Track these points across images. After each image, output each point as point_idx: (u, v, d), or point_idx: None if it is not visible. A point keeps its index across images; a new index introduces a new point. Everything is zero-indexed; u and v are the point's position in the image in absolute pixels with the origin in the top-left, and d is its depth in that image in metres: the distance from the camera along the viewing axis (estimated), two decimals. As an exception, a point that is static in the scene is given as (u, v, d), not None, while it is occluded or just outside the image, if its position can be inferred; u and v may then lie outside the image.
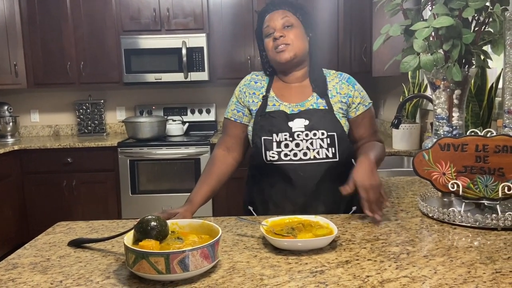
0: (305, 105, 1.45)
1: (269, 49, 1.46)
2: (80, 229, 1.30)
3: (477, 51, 1.27)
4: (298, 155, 1.39)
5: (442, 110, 1.36)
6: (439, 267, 0.95)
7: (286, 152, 1.40)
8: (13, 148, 3.48)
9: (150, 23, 3.75)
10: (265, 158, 1.41)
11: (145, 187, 3.58)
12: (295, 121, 1.41)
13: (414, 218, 1.29)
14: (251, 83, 1.54)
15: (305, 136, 1.40)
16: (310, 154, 1.39)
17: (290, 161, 1.39)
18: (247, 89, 1.52)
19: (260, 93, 1.50)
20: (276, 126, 1.42)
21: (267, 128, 1.42)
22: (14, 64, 3.67)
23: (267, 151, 1.41)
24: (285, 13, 1.45)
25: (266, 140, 1.42)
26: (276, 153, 1.40)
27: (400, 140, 2.75)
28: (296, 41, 1.43)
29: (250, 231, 1.22)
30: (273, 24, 1.44)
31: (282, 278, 0.91)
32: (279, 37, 1.42)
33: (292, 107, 1.45)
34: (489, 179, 1.20)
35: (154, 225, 0.98)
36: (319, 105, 1.44)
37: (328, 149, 1.40)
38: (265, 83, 1.52)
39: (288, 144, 1.40)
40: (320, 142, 1.39)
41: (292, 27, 1.44)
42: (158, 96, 4.15)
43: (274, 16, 1.45)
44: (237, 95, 1.54)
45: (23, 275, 0.97)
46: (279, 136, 1.40)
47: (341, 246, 1.09)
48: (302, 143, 1.39)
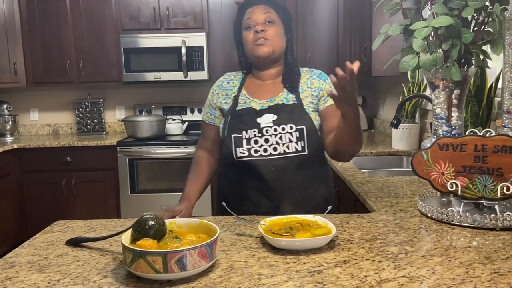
0: (275, 101, 1.46)
1: (248, 42, 1.46)
2: (78, 228, 1.29)
3: (477, 51, 1.27)
4: (268, 150, 1.41)
5: (441, 110, 1.36)
6: (437, 267, 0.95)
7: (256, 148, 1.41)
8: (12, 147, 3.48)
9: (150, 22, 3.75)
10: (235, 155, 1.43)
11: (144, 186, 3.58)
12: (263, 116, 1.43)
13: (413, 218, 1.29)
14: (223, 84, 1.56)
15: (274, 131, 1.41)
16: (280, 149, 1.41)
17: (260, 156, 1.41)
18: (220, 90, 1.55)
19: (232, 93, 1.52)
20: (245, 123, 1.43)
21: (237, 126, 1.44)
22: (14, 63, 3.67)
23: (237, 148, 1.43)
24: (268, 9, 1.46)
25: (236, 138, 1.43)
26: (246, 149, 1.42)
27: (400, 140, 2.75)
28: (276, 38, 1.45)
29: (248, 230, 1.22)
30: (255, 17, 1.45)
31: (280, 278, 0.91)
32: (260, 31, 1.43)
33: (262, 103, 1.47)
34: (488, 179, 1.20)
35: (151, 224, 0.98)
36: (289, 100, 1.46)
37: (297, 143, 1.41)
38: (237, 83, 1.54)
39: (258, 140, 1.41)
40: (289, 136, 1.41)
41: (273, 24, 1.45)
42: (158, 95, 4.15)
43: (256, 10, 1.46)
44: (210, 97, 1.57)
45: (21, 274, 0.97)
46: (249, 133, 1.42)
47: (339, 245, 1.08)
48: (271, 138, 1.41)
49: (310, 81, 1.50)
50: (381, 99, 3.80)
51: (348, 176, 1.96)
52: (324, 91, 1.47)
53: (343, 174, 2.02)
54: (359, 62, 1.12)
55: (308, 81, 1.50)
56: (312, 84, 1.49)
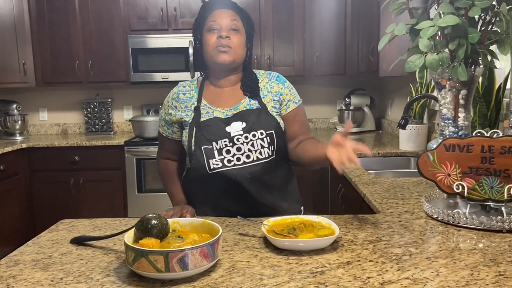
0: (239, 108, 1.43)
1: (209, 45, 1.40)
2: (83, 226, 1.30)
3: (484, 51, 1.25)
4: (241, 159, 1.38)
5: (447, 111, 1.35)
6: (441, 269, 0.94)
7: (228, 158, 1.38)
8: (22, 146, 3.51)
9: (158, 22, 3.76)
10: (208, 168, 1.38)
11: (151, 185, 3.59)
12: (232, 125, 1.39)
13: (418, 220, 1.27)
14: (179, 95, 1.48)
15: (245, 139, 1.38)
16: (252, 156, 1.39)
17: (234, 166, 1.38)
18: (178, 103, 1.48)
19: (192, 104, 1.46)
20: (214, 133, 1.39)
21: (206, 137, 1.39)
22: (23, 63, 3.71)
23: (210, 160, 1.38)
24: (234, 16, 1.42)
25: (206, 150, 1.38)
26: (219, 160, 1.37)
27: (407, 141, 2.73)
28: (238, 47, 1.41)
29: (251, 230, 1.22)
30: (220, 21, 1.40)
31: (282, 278, 0.91)
32: (225, 37, 1.38)
33: (226, 111, 1.43)
34: (495, 180, 1.18)
35: (154, 224, 0.98)
36: (253, 106, 1.43)
37: (269, 148, 1.40)
38: (194, 93, 1.48)
39: (230, 149, 1.38)
40: (261, 142, 1.39)
41: (238, 33, 1.41)
42: (165, 95, 4.13)
43: (223, 14, 1.41)
44: (166, 110, 1.50)
45: (24, 272, 0.98)
46: (219, 143, 1.38)
47: (342, 246, 1.08)
48: (243, 146, 1.38)
49: (270, 85, 1.47)
50: (389, 99, 3.77)
51: (354, 177, 1.95)
52: (284, 96, 1.46)
53: (349, 175, 2.01)
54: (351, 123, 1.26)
55: (267, 85, 1.47)
56: (272, 88, 1.46)
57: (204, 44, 1.42)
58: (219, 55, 1.38)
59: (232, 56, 1.39)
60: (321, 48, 3.68)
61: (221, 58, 1.38)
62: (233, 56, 1.39)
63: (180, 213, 1.37)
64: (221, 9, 1.42)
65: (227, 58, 1.39)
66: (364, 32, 3.22)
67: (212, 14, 1.42)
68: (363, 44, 3.27)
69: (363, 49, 3.26)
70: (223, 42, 1.38)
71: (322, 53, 3.67)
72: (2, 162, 3.26)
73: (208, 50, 1.41)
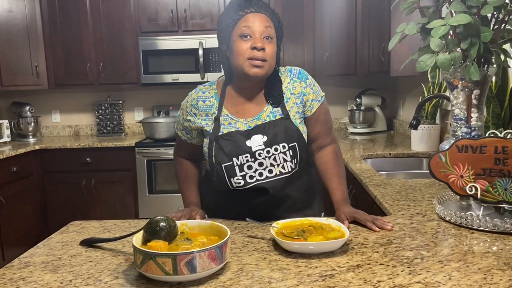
0: (261, 117, 1.36)
1: (241, 53, 1.28)
2: (93, 228, 1.31)
3: (497, 50, 1.23)
4: (263, 174, 1.33)
5: (460, 111, 1.32)
6: (454, 272, 0.92)
7: (250, 174, 1.32)
8: (35, 148, 3.56)
9: (168, 24, 3.78)
10: (230, 186, 1.34)
11: (161, 187, 3.61)
12: (252, 139, 1.32)
13: (430, 222, 1.25)
14: (199, 103, 1.39)
15: (267, 154, 1.32)
16: (275, 170, 1.33)
17: (256, 181, 1.33)
18: (197, 111, 1.39)
19: (212, 113, 1.38)
20: (234, 149, 1.32)
21: (226, 153, 1.33)
22: (36, 66, 3.75)
23: (231, 178, 1.33)
24: (269, 22, 1.30)
25: (227, 167, 1.33)
26: (241, 177, 1.32)
27: (419, 142, 2.69)
28: (272, 58, 1.30)
29: (260, 233, 1.21)
30: (254, 27, 1.27)
31: (291, 282, 0.90)
32: (260, 49, 1.27)
33: (249, 122, 1.36)
34: (509, 182, 1.16)
35: (163, 226, 0.98)
36: (276, 114, 1.36)
37: (292, 161, 1.34)
38: (214, 101, 1.39)
39: (251, 165, 1.32)
40: (283, 155, 1.33)
41: (271, 41, 1.30)
42: (175, 96, 4.18)
43: (257, 19, 1.28)
44: (185, 116, 1.43)
45: (34, 274, 0.98)
46: (240, 159, 1.32)
47: (353, 249, 1.06)
48: (265, 161, 1.32)
49: (292, 85, 1.38)
50: (401, 99, 3.73)
51: (365, 178, 1.93)
52: (307, 96, 1.39)
53: (360, 176, 1.99)
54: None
55: (290, 85, 1.38)
56: (295, 89, 1.38)
57: (235, 50, 1.29)
58: (252, 69, 1.28)
59: (265, 70, 1.29)
60: (332, 48, 3.65)
61: (253, 72, 1.28)
62: (266, 69, 1.30)
63: (189, 215, 1.36)
64: (255, 13, 1.29)
65: (260, 72, 1.28)
66: (375, 32, 3.19)
67: (246, 17, 1.28)
68: (373, 43, 3.24)
69: (374, 49, 3.23)
70: (257, 55, 1.27)
71: (332, 53, 3.65)
72: (16, 163, 3.31)
73: (239, 59, 1.28)
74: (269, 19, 1.31)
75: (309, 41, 3.77)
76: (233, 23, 1.30)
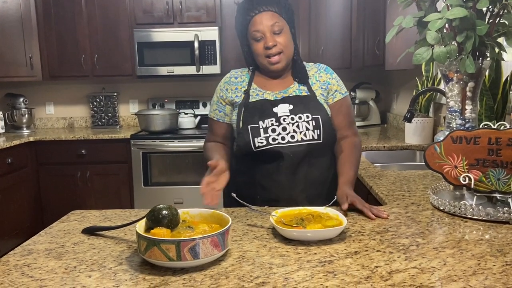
0: (288, 92, 1.47)
1: (258, 54, 1.43)
2: (94, 217, 1.32)
3: (491, 43, 1.26)
4: (285, 138, 1.41)
5: (455, 103, 1.35)
6: (448, 259, 0.95)
7: (273, 137, 1.41)
8: (29, 140, 3.54)
9: (163, 16, 3.77)
10: (253, 146, 1.42)
11: (157, 179, 3.62)
12: (279, 106, 1.44)
13: (425, 211, 1.28)
14: (231, 79, 1.54)
15: (291, 120, 1.42)
16: (297, 137, 1.42)
17: (278, 144, 1.41)
18: (228, 86, 1.53)
19: (242, 87, 1.51)
20: (261, 113, 1.43)
21: (253, 117, 1.44)
22: (30, 57, 3.73)
23: (255, 138, 1.42)
24: (274, 17, 1.39)
25: (252, 128, 1.43)
26: (264, 138, 1.41)
27: (413, 134, 2.73)
28: (287, 47, 1.42)
29: (260, 221, 1.23)
30: (263, 28, 1.39)
31: (291, 267, 0.92)
32: (272, 46, 1.39)
33: (276, 94, 1.47)
34: (502, 172, 1.19)
35: (165, 214, 1.00)
36: (302, 91, 1.47)
37: (314, 131, 1.42)
38: (245, 78, 1.53)
39: (275, 128, 1.41)
40: (306, 124, 1.42)
41: (282, 32, 1.41)
42: (171, 89, 4.18)
43: (263, 19, 1.39)
44: (218, 93, 1.55)
45: (38, 261, 1.00)
46: (265, 122, 1.42)
47: (350, 237, 1.09)
48: (288, 127, 1.42)
49: (318, 74, 1.51)
50: (395, 93, 3.77)
51: (360, 169, 1.96)
52: (331, 86, 1.49)
53: (355, 168, 2.02)
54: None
55: (316, 74, 1.51)
56: (321, 77, 1.50)
57: (253, 52, 1.45)
58: (272, 66, 1.43)
59: (284, 61, 1.43)
60: (327, 41, 3.67)
61: (273, 68, 1.44)
62: (285, 60, 1.43)
63: (214, 178, 1.28)
64: (260, 14, 1.40)
65: (279, 66, 1.43)
66: (370, 26, 3.21)
67: (253, 22, 1.41)
68: (369, 37, 3.26)
69: (369, 43, 3.25)
70: (272, 52, 1.41)
71: (327, 46, 3.67)
72: (10, 155, 3.30)
73: (258, 59, 1.45)
74: (275, 14, 1.40)
75: (305, 34, 3.78)
76: (244, 28, 1.44)
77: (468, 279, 0.85)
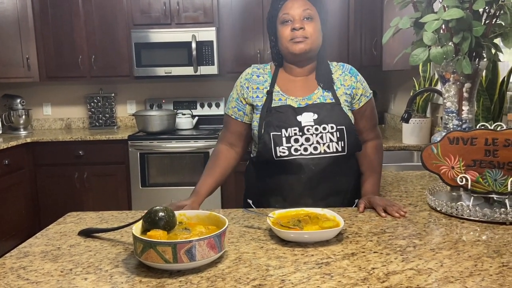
0: (312, 98, 1.42)
1: (283, 37, 1.40)
2: (90, 219, 1.32)
3: (488, 44, 1.26)
4: (308, 149, 1.37)
5: (451, 104, 1.35)
6: (445, 260, 0.95)
7: (296, 147, 1.37)
8: (26, 141, 3.53)
9: (160, 17, 3.76)
10: (274, 154, 1.38)
11: (154, 180, 3.61)
12: (303, 115, 1.39)
13: (422, 212, 1.28)
14: (253, 77, 1.48)
15: (315, 130, 1.37)
16: (320, 148, 1.37)
17: (300, 155, 1.37)
18: (250, 84, 1.47)
19: (264, 88, 1.46)
20: (284, 121, 1.38)
21: (275, 123, 1.39)
22: (27, 58, 3.72)
23: (277, 147, 1.37)
24: (307, 4, 1.40)
25: (275, 136, 1.38)
26: (286, 148, 1.37)
27: (410, 135, 2.73)
28: (314, 35, 1.40)
29: (257, 223, 1.23)
30: (293, 12, 1.39)
31: (288, 269, 0.92)
32: (299, 29, 1.37)
33: (299, 101, 1.42)
34: (498, 173, 1.19)
35: (162, 216, 1.00)
36: (326, 98, 1.42)
37: (338, 143, 1.38)
38: (268, 77, 1.48)
39: (298, 138, 1.37)
40: (330, 136, 1.38)
41: (312, 20, 1.40)
42: (168, 89, 4.17)
43: (295, 4, 1.39)
44: (239, 91, 1.49)
45: (34, 263, 1.00)
46: (289, 131, 1.37)
47: (347, 238, 1.09)
48: (312, 138, 1.37)
49: (343, 77, 1.46)
50: (392, 93, 3.77)
51: (358, 170, 1.96)
52: (356, 90, 1.46)
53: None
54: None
55: (341, 77, 1.46)
56: (345, 81, 1.46)
57: (279, 36, 1.42)
58: (295, 46, 1.38)
59: (308, 45, 1.39)
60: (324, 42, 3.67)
61: (297, 48, 1.38)
62: (309, 44, 1.39)
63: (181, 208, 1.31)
64: (293, 0, 1.40)
65: (303, 47, 1.38)
66: (367, 26, 3.22)
67: (284, 6, 1.41)
68: (366, 38, 3.27)
69: (366, 43, 3.26)
70: (297, 34, 1.38)
71: (325, 47, 3.66)
72: (7, 156, 3.29)
73: (283, 42, 1.41)
74: (307, 2, 1.41)
75: (302, 34, 3.78)
76: (276, 12, 1.43)
77: (465, 280, 0.85)
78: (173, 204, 1.32)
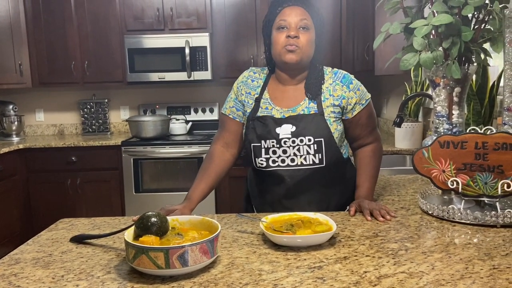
0: (296, 110, 1.42)
1: (277, 43, 1.40)
2: (82, 225, 1.31)
3: (477, 49, 1.27)
4: (285, 161, 1.40)
5: (442, 108, 1.37)
6: (437, 263, 0.95)
7: (274, 159, 1.41)
8: (18, 147, 3.51)
9: (154, 22, 3.77)
10: (255, 165, 1.45)
11: (148, 185, 3.60)
12: (282, 127, 1.40)
13: (414, 216, 1.29)
14: (248, 80, 1.51)
15: (292, 143, 1.39)
16: (297, 160, 1.40)
17: (278, 167, 1.41)
18: (244, 87, 1.51)
19: (256, 93, 1.48)
20: (264, 132, 1.41)
21: (256, 133, 1.43)
22: (19, 64, 3.70)
23: (256, 158, 1.43)
24: (304, 14, 1.40)
25: (255, 147, 1.43)
26: (264, 159, 1.42)
27: (402, 139, 2.75)
28: (307, 46, 1.40)
29: (250, 227, 1.23)
30: (290, 20, 1.39)
31: (281, 274, 0.92)
32: (293, 37, 1.38)
33: (284, 112, 1.43)
34: (489, 176, 1.20)
35: (154, 221, 0.99)
36: (310, 110, 1.42)
37: (315, 155, 1.39)
38: (261, 82, 1.50)
39: (276, 150, 1.40)
40: (307, 148, 1.39)
41: (307, 31, 1.40)
42: (162, 95, 4.17)
43: (293, 12, 1.40)
44: (236, 91, 1.52)
45: (25, 270, 0.99)
46: (267, 143, 1.41)
47: (340, 242, 1.09)
48: (289, 150, 1.40)
49: (333, 87, 1.44)
50: (384, 98, 3.79)
51: (351, 174, 1.96)
52: (348, 100, 1.43)
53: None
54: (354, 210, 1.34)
55: (331, 87, 1.44)
56: (335, 91, 1.43)
57: (273, 42, 1.42)
58: (287, 55, 1.39)
59: (299, 56, 1.39)
60: (317, 47, 3.69)
61: (288, 57, 1.39)
62: (300, 55, 1.39)
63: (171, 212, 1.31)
64: (291, 6, 1.41)
65: (294, 58, 1.39)
66: (359, 31, 3.24)
67: (282, 12, 1.41)
68: (358, 43, 3.29)
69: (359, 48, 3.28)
70: (291, 42, 1.38)
71: (318, 52, 3.68)
72: (-1, 163, 3.26)
73: (276, 48, 1.41)
74: (305, 11, 1.41)
75: (295, 40, 3.80)
76: (273, 17, 1.44)
77: (456, 283, 0.85)
78: (163, 209, 1.32)
